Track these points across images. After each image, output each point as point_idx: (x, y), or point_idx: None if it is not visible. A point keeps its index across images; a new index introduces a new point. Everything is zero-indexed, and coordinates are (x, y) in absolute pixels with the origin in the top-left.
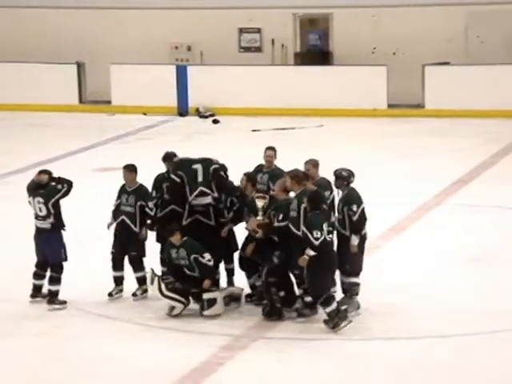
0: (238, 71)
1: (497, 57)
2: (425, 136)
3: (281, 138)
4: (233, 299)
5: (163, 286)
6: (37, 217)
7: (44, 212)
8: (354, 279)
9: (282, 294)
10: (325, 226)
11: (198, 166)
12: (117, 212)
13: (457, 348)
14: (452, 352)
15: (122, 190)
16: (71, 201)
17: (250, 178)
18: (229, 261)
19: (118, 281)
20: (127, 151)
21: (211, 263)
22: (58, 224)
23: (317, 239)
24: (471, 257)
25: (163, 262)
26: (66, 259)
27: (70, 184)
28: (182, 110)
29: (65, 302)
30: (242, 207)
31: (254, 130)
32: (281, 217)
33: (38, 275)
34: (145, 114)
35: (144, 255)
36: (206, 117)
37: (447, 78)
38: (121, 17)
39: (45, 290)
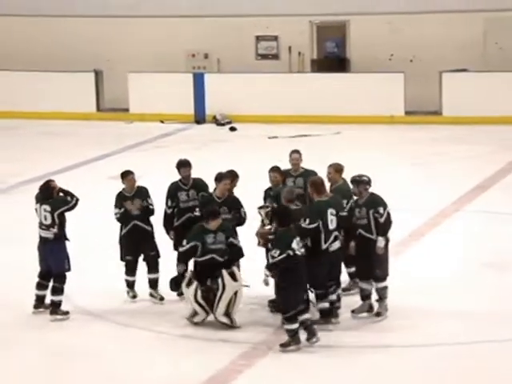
0: (255, 79)
1: None
2: (442, 143)
3: (298, 145)
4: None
5: (199, 293)
6: (41, 225)
7: (49, 221)
8: (383, 284)
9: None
10: (294, 243)
11: None
12: (125, 219)
13: (473, 355)
14: (468, 359)
15: (123, 197)
16: (89, 208)
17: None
18: None
19: (132, 285)
20: (145, 159)
21: (240, 244)
22: (61, 235)
23: (272, 257)
24: (489, 263)
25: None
26: (69, 269)
27: (77, 199)
28: (199, 118)
29: (67, 313)
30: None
31: (270, 138)
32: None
33: (41, 285)
34: (162, 121)
35: (159, 256)
36: (223, 124)
37: (465, 85)
38: (138, 25)
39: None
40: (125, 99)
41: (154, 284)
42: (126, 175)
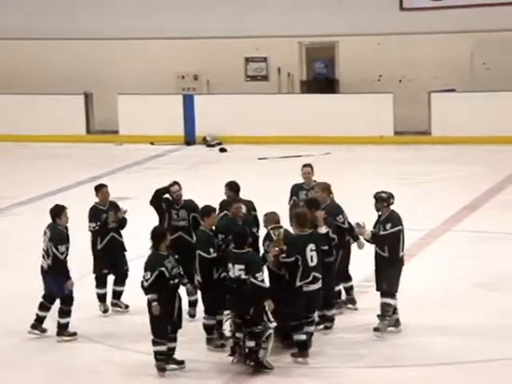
0: (245, 100)
1: (503, 83)
2: (432, 163)
3: (288, 166)
4: None
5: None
6: (42, 250)
7: (45, 248)
8: (389, 300)
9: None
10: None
11: None
12: (102, 232)
13: (466, 375)
14: (461, 379)
15: (99, 211)
16: (79, 230)
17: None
18: None
19: (104, 298)
20: (135, 181)
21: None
22: (55, 268)
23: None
24: (480, 283)
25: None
26: (70, 293)
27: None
28: (189, 139)
29: (75, 334)
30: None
31: (260, 159)
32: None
33: (43, 307)
34: (152, 143)
35: (129, 269)
36: (213, 145)
37: (453, 105)
38: (127, 47)
39: (45, 325)
40: (115, 121)
41: (119, 295)
42: (101, 188)
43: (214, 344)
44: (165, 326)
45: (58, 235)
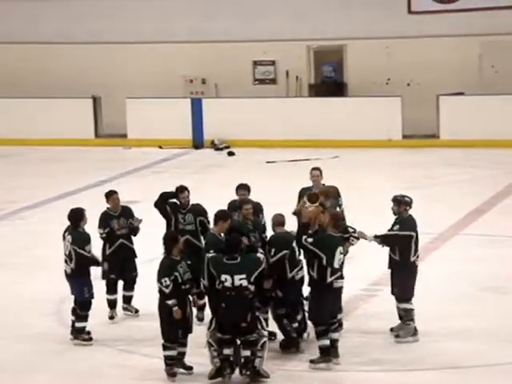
0: (253, 103)
1: (511, 86)
2: (440, 166)
3: (296, 169)
4: None
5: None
6: (64, 254)
7: (67, 252)
8: (405, 305)
9: (295, 325)
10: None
11: None
12: (110, 238)
13: (476, 379)
14: (471, 382)
15: (109, 217)
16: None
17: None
18: None
19: (114, 304)
20: (143, 184)
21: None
22: (78, 272)
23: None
24: (489, 287)
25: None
26: (90, 297)
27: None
28: (198, 143)
29: (90, 339)
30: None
31: (268, 162)
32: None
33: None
34: (160, 147)
35: (138, 275)
36: (222, 149)
37: (462, 108)
38: (135, 51)
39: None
40: (123, 125)
41: (129, 300)
42: (111, 195)
43: None
44: (176, 330)
45: (81, 238)
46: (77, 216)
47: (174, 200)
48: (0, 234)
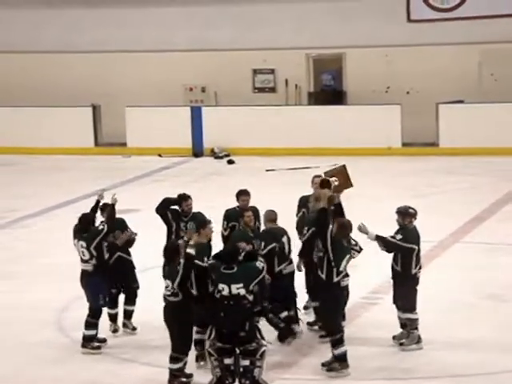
0: (253, 112)
1: (510, 94)
2: (439, 174)
3: (296, 177)
4: None
5: None
6: (81, 259)
7: (87, 256)
8: (408, 315)
9: (284, 314)
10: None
11: None
12: (110, 251)
13: None
14: None
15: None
16: None
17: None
18: None
19: (115, 318)
20: (143, 193)
21: None
22: (101, 265)
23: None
24: (489, 294)
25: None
26: (104, 305)
27: (106, 224)
28: (197, 151)
29: (99, 347)
30: None
31: (268, 170)
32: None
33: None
34: (160, 155)
35: (139, 288)
36: (221, 157)
37: (461, 117)
38: (135, 60)
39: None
40: (122, 133)
41: (129, 315)
42: (106, 207)
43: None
44: (190, 342)
45: (92, 234)
46: (86, 221)
47: (175, 207)
48: (1, 242)
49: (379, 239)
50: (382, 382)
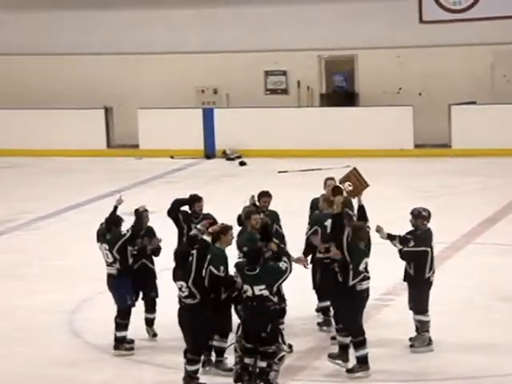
0: (265, 113)
1: None
2: (452, 175)
3: (308, 179)
4: None
5: None
6: (106, 262)
7: (110, 259)
8: (420, 317)
9: None
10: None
11: None
12: (137, 257)
13: None
14: None
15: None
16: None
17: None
18: None
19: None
20: (155, 194)
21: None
22: (125, 269)
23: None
24: (502, 296)
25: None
26: (132, 305)
27: (134, 226)
28: (209, 153)
29: (132, 349)
30: None
31: (280, 172)
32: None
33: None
34: (172, 157)
35: (158, 296)
36: (233, 159)
37: (474, 118)
38: (147, 61)
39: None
40: (135, 135)
41: (150, 323)
42: (137, 213)
43: (222, 367)
44: (207, 343)
45: (115, 237)
46: (112, 221)
47: (186, 209)
48: (14, 244)
49: (396, 244)
50: (393, 383)
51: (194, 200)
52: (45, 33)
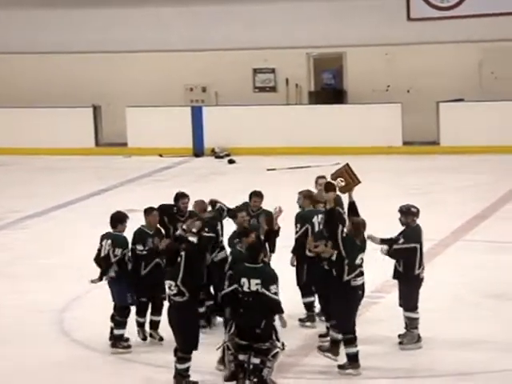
0: (253, 111)
1: (511, 93)
2: (440, 173)
3: (296, 176)
4: None
5: None
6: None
7: (112, 258)
8: (409, 314)
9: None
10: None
11: None
12: (149, 257)
13: None
14: None
15: (146, 234)
16: (90, 243)
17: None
18: None
19: (143, 325)
20: (143, 193)
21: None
22: (123, 272)
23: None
24: (490, 293)
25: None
26: (132, 303)
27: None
28: (198, 151)
29: (129, 347)
30: None
31: (269, 170)
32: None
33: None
34: (161, 155)
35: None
36: (222, 157)
37: (462, 115)
38: (135, 60)
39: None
40: (123, 134)
41: (156, 325)
42: (150, 212)
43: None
44: (196, 341)
45: (118, 239)
46: (117, 219)
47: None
48: (2, 243)
49: (386, 249)
50: (384, 380)
51: (179, 196)
52: (32, 31)
